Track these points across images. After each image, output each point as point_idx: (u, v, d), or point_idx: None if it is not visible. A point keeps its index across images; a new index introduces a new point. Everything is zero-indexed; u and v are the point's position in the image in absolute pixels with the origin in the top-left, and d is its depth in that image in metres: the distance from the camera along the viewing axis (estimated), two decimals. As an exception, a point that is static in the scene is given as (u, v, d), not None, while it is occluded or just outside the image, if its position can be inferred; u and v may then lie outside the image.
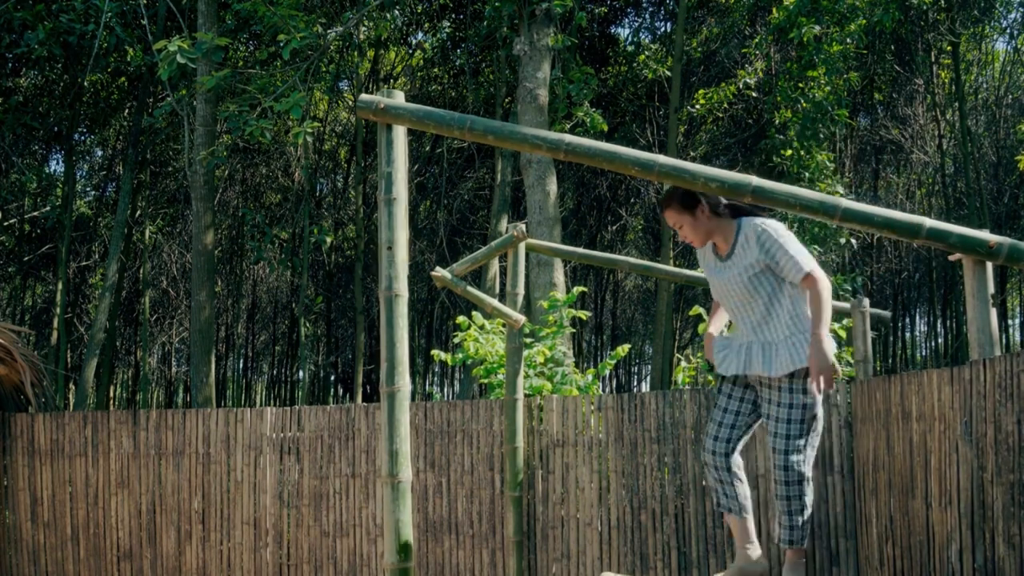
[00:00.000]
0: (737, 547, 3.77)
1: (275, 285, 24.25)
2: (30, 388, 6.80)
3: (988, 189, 17.65)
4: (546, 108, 10.90)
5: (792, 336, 3.46)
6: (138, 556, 6.42)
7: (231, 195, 19.50)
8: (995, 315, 2.99)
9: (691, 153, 17.44)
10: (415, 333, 22.59)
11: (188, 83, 11.98)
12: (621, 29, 19.98)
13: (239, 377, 28.05)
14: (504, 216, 13.78)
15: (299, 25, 10.00)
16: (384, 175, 3.00)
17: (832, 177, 11.31)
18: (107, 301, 13.84)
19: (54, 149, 17.29)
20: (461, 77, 16.09)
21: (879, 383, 4.45)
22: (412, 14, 15.00)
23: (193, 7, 12.27)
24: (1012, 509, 2.79)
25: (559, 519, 5.62)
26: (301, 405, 12.19)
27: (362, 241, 16.68)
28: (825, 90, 11.46)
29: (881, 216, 2.97)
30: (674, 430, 5.50)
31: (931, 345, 25.47)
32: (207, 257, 11.21)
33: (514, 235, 4.87)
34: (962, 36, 16.39)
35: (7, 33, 11.89)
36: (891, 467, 4.22)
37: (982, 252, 2.91)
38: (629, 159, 3.01)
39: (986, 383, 2.99)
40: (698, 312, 6.60)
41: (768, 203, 3.03)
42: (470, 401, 5.94)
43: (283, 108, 9.82)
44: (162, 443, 6.44)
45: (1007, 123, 18.33)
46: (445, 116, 3.06)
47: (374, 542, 6.04)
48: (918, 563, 3.79)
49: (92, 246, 18.80)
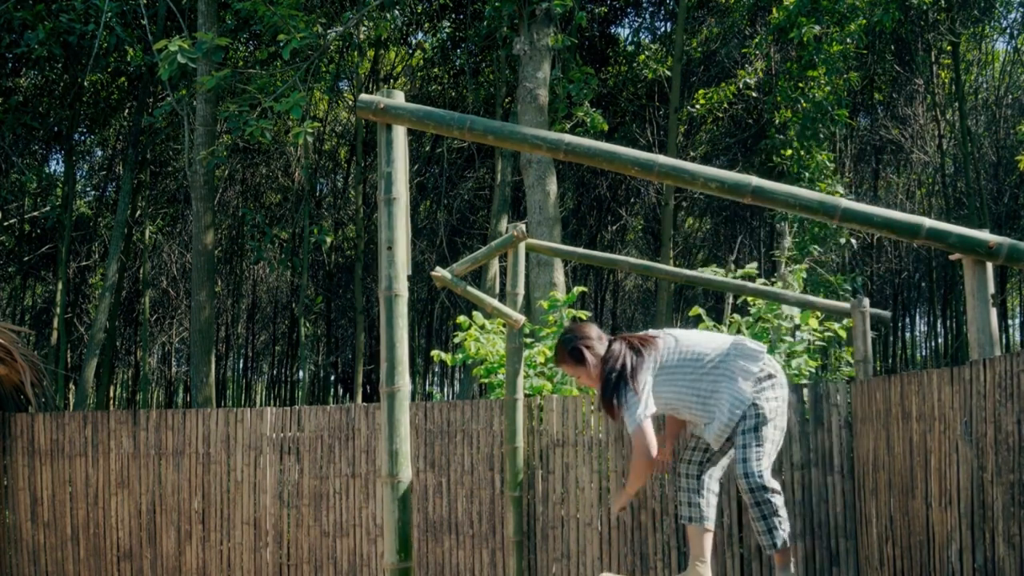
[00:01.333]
0: (691, 559, 3.79)
1: (275, 285, 24.25)
2: (30, 388, 6.80)
3: (988, 189, 17.64)
4: (546, 108, 10.90)
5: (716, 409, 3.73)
6: (138, 556, 6.42)
7: (231, 195, 19.49)
8: (995, 315, 2.99)
9: (691, 153, 17.44)
10: (415, 333, 22.59)
11: (188, 83, 11.98)
12: (621, 29, 19.98)
13: (239, 377, 28.04)
14: (504, 216, 13.78)
15: (299, 25, 9.99)
16: (384, 175, 3.00)
17: (832, 177, 11.31)
18: (107, 301, 13.84)
19: (54, 149, 17.29)
20: (461, 77, 16.08)
21: (879, 383, 4.45)
22: (412, 14, 15.00)
23: (193, 7, 12.27)
24: (1012, 509, 2.79)
25: (559, 519, 5.62)
26: (301, 405, 12.19)
27: (362, 241, 16.68)
28: (825, 90, 11.46)
29: (881, 216, 2.97)
30: (674, 430, 5.49)
31: (931, 345, 25.47)
32: (207, 257, 11.21)
33: (514, 235, 4.87)
34: (962, 36, 16.39)
35: (7, 33, 11.88)
36: (891, 467, 4.22)
37: (982, 252, 2.91)
38: (629, 159, 3.01)
39: (986, 383, 2.99)
40: (698, 312, 6.60)
41: (768, 203, 3.03)
42: (470, 401, 5.94)
43: (283, 108, 9.81)
44: (162, 443, 6.44)
45: (1007, 123, 18.32)
46: (445, 116, 3.06)
47: (374, 542, 6.04)
48: (918, 563, 3.79)
49: (92, 246, 18.79)
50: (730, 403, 3.66)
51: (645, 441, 3.59)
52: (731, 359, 3.71)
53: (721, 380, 3.69)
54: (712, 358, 3.71)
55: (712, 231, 21.16)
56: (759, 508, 3.61)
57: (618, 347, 3.75)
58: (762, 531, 3.65)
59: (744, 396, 3.65)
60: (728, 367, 3.70)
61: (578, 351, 3.84)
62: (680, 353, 3.73)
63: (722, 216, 19.41)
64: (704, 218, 21.22)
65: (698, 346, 3.74)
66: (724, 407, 3.66)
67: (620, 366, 3.68)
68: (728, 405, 3.66)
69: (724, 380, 3.69)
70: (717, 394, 3.68)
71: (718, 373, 3.69)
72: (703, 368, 3.70)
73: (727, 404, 3.66)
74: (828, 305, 5.54)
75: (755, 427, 3.63)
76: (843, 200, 2.98)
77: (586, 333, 3.86)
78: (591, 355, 3.85)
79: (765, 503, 3.60)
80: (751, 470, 3.60)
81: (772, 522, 3.63)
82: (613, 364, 3.72)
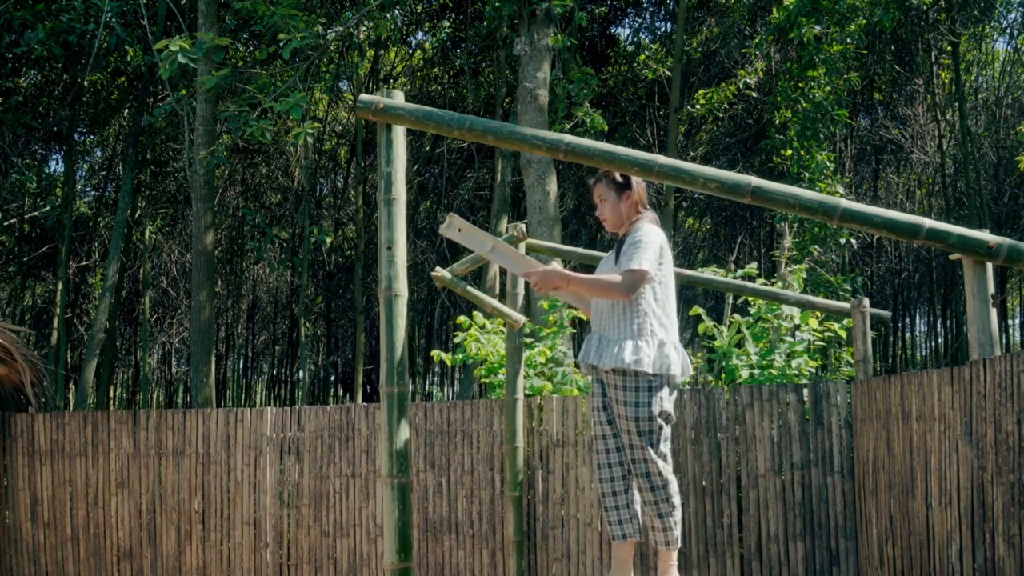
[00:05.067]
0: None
1: (275, 285, 24.25)
2: (30, 388, 6.80)
3: (988, 189, 17.63)
4: (546, 108, 10.90)
5: (627, 338, 3.45)
6: (138, 556, 6.42)
7: (231, 195, 19.49)
8: (995, 315, 2.99)
9: (691, 153, 17.43)
10: (415, 333, 22.58)
11: (188, 83, 11.98)
12: (621, 29, 19.96)
13: (239, 377, 28.03)
14: (504, 216, 13.78)
15: (299, 25, 9.99)
16: (384, 175, 3.00)
17: (832, 177, 11.31)
18: (107, 301, 13.83)
19: (54, 149, 17.29)
20: (461, 77, 16.07)
21: (879, 383, 4.45)
22: (412, 14, 15.00)
23: (193, 7, 12.26)
24: (1012, 509, 2.79)
25: (559, 519, 5.62)
26: (301, 405, 12.19)
27: (362, 241, 16.68)
28: (825, 90, 11.46)
29: (881, 216, 2.97)
30: (674, 430, 5.49)
31: (931, 345, 25.46)
32: (207, 257, 11.20)
33: (514, 235, 4.87)
34: (962, 36, 16.38)
35: (7, 33, 11.88)
36: (891, 467, 4.22)
37: (982, 252, 2.91)
38: (629, 159, 3.01)
39: (986, 383, 2.99)
40: (698, 312, 6.60)
41: (768, 203, 3.03)
42: (470, 401, 5.94)
43: (283, 108, 9.80)
44: (162, 443, 6.44)
45: (1007, 123, 18.31)
46: (445, 116, 3.06)
47: (374, 542, 6.04)
48: (918, 563, 3.79)
49: (92, 246, 18.78)
50: (626, 346, 3.42)
51: (634, 282, 3.37)
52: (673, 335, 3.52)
53: (635, 324, 3.46)
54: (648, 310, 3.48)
55: (712, 231, 21.17)
56: (656, 505, 3.47)
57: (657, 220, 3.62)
58: (658, 527, 3.50)
59: (634, 358, 3.40)
60: (646, 330, 3.47)
61: (627, 180, 3.59)
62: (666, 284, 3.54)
63: (722, 216, 19.42)
64: (704, 218, 21.22)
65: (671, 300, 3.57)
66: (619, 342, 3.43)
67: (658, 234, 3.49)
68: (623, 346, 3.42)
69: (659, 332, 3.47)
70: (627, 326, 3.46)
71: (641, 320, 3.47)
72: (644, 301, 3.47)
73: (623, 345, 3.43)
74: (828, 305, 5.54)
75: (639, 415, 3.42)
76: (843, 200, 2.98)
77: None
78: (638, 191, 3.60)
79: (664, 500, 3.46)
80: (651, 463, 3.45)
81: (668, 521, 3.49)
82: (655, 221, 3.55)
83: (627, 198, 3.61)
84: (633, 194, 3.60)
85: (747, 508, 5.34)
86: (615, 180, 3.60)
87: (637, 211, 3.62)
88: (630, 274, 3.38)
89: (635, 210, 3.62)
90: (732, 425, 5.41)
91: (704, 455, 5.42)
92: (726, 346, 6.37)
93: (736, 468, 5.39)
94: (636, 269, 3.38)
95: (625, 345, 3.43)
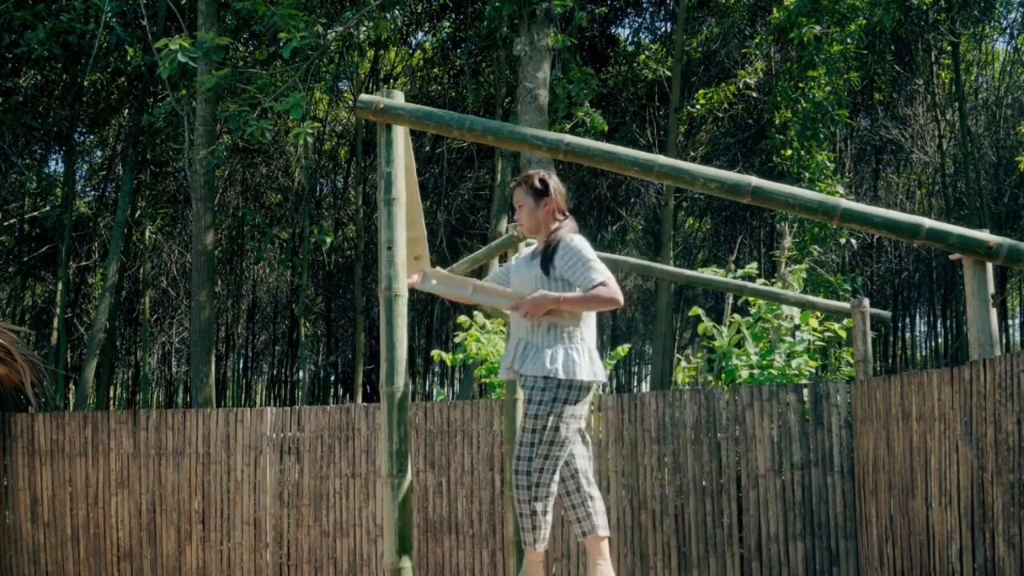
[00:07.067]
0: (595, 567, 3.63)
1: (275, 285, 24.25)
2: (30, 388, 6.80)
3: (988, 189, 17.64)
4: (546, 108, 10.90)
5: (552, 345, 3.45)
6: (138, 556, 6.42)
7: (231, 195, 19.49)
8: (995, 315, 2.99)
9: (691, 153, 17.43)
10: (415, 333, 22.58)
11: (188, 83, 11.98)
12: (621, 29, 19.97)
13: (239, 377, 28.03)
14: (504, 216, 13.77)
15: (299, 25, 9.99)
16: (384, 175, 3.00)
17: (832, 177, 11.32)
18: (107, 301, 13.83)
19: (54, 149, 17.29)
20: (461, 77, 16.08)
21: (879, 383, 4.45)
22: (412, 14, 15.00)
23: (193, 6, 12.26)
24: (1012, 509, 2.79)
25: (558, 519, 5.62)
26: (301, 405, 12.19)
27: (362, 241, 16.68)
28: (825, 90, 11.46)
29: (881, 216, 2.97)
30: (674, 430, 5.49)
31: (931, 345, 25.46)
32: (207, 257, 11.20)
33: (514, 235, 4.87)
34: (962, 36, 16.39)
35: (7, 33, 11.88)
36: (891, 467, 4.22)
37: (982, 252, 2.91)
38: (628, 159, 3.01)
39: (986, 383, 2.99)
40: (697, 312, 6.60)
41: (768, 204, 3.03)
42: (470, 401, 5.94)
43: (283, 108, 9.81)
44: (162, 443, 6.44)
45: (1007, 123, 18.32)
46: (445, 116, 3.06)
47: (374, 542, 6.04)
48: (918, 563, 3.79)
49: (92, 246, 18.79)
50: (550, 355, 3.41)
51: (614, 290, 3.37)
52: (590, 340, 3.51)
53: (563, 333, 3.45)
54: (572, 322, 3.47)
55: (712, 231, 21.17)
56: (519, 505, 3.47)
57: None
58: (520, 525, 3.51)
59: (554, 367, 3.39)
60: (570, 338, 3.47)
61: (546, 183, 3.59)
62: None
63: (722, 216, 19.42)
64: (704, 218, 21.23)
65: None
66: (544, 350, 3.43)
67: (587, 244, 3.48)
68: (547, 355, 3.41)
69: (565, 334, 3.46)
70: (554, 334, 3.45)
71: (565, 328, 3.46)
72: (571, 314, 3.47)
73: (548, 353, 3.42)
74: (828, 305, 5.54)
75: (536, 426, 3.40)
76: (843, 200, 2.98)
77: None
78: (556, 199, 3.60)
79: (526, 502, 3.45)
80: (524, 468, 3.44)
81: (525, 523, 3.49)
82: (575, 230, 3.55)
83: (544, 205, 3.60)
84: (551, 201, 3.60)
85: (747, 508, 5.34)
86: (534, 186, 3.62)
87: (555, 218, 3.62)
88: (604, 286, 3.38)
89: (552, 217, 3.62)
90: (732, 425, 5.41)
91: (704, 455, 5.42)
92: (726, 346, 6.37)
93: (736, 468, 5.39)
94: (603, 280, 3.39)
95: (557, 352, 3.43)
